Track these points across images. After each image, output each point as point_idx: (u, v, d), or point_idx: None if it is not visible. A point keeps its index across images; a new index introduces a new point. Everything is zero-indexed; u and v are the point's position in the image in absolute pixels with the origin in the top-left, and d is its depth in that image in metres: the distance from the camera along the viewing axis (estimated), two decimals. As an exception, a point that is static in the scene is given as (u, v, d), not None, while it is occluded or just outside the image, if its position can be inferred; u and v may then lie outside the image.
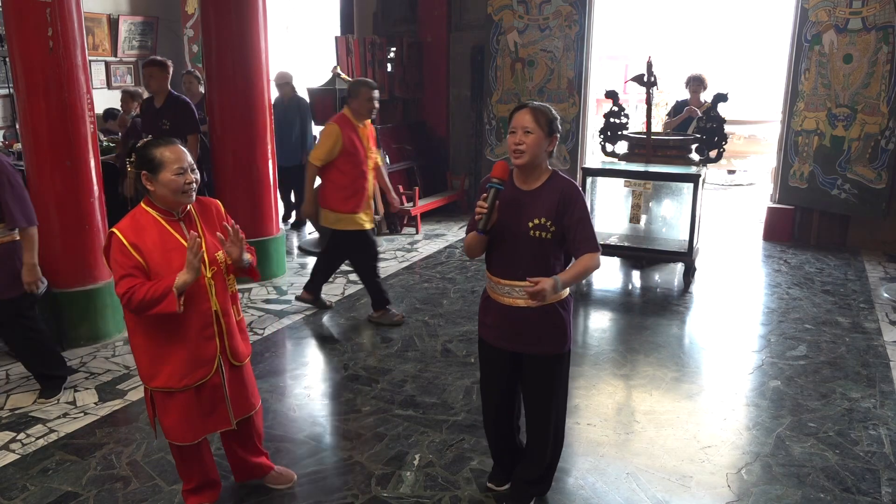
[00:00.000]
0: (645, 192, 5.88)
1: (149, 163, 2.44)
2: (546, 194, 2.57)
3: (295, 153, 7.48)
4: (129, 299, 2.37)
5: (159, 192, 2.47)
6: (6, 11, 4.19)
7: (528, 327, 2.63)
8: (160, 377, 2.53)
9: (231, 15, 5.49)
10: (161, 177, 2.44)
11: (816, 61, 6.78)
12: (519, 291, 2.58)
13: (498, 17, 8.02)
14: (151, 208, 2.52)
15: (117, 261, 2.41)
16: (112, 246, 2.43)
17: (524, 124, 2.52)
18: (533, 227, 2.54)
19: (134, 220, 2.49)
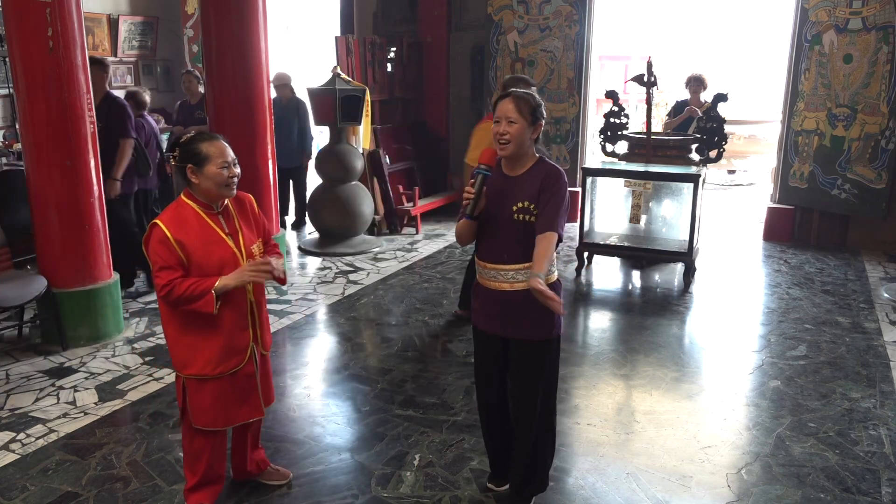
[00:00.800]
0: (645, 192, 5.88)
1: (195, 156, 2.50)
2: (530, 179, 2.58)
3: (294, 154, 7.49)
4: (169, 292, 2.43)
5: (203, 185, 2.53)
6: (6, 11, 4.19)
7: (513, 311, 2.61)
8: (195, 365, 2.57)
9: (231, 15, 5.49)
10: (206, 170, 2.50)
11: (816, 61, 6.78)
12: (504, 275, 2.59)
13: (498, 17, 8.02)
14: (192, 201, 2.57)
15: (158, 253, 2.45)
16: (154, 237, 2.47)
17: (507, 114, 2.53)
18: (517, 211, 2.55)
19: (176, 212, 2.54)
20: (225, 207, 2.64)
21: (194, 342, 2.56)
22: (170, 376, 4.08)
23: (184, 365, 2.59)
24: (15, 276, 4.50)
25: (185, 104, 7.50)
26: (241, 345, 2.64)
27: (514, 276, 2.58)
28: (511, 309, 2.61)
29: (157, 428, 3.50)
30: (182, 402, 2.68)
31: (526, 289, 2.46)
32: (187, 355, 2.58)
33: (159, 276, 2.44)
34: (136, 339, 4.66)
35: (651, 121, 6.38)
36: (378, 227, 7.66)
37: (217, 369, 2.58)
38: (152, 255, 2.47)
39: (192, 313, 2.49)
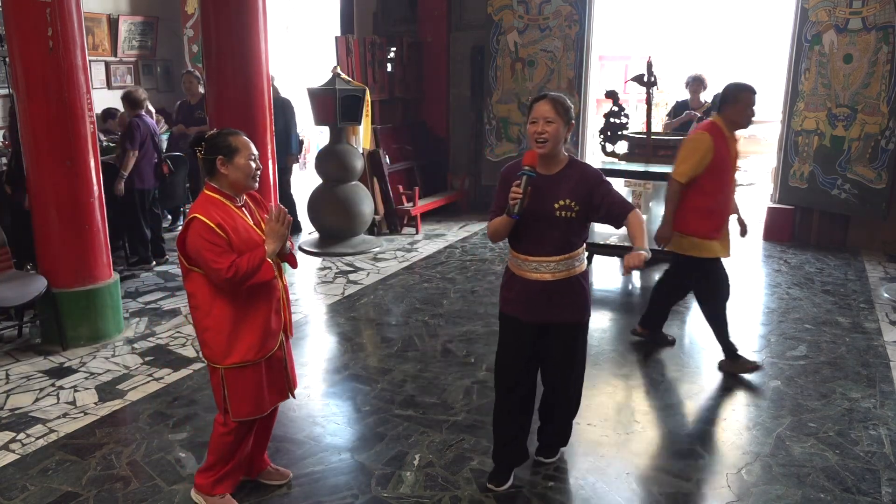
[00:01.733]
0: (645, 192, 5.88)
1: (225, 148, 2.61)
2: (568, 177, 2.78)
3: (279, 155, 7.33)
4: (235, 272, 2.51)
5: (232, 177, 2.63)
6: (6, 11, 4.19)
7: (554, 299, 2.82)
8: (237, 352, 2.65)
9: (231, 15, 5.48)
10: (236, 161, 2.62)
11: (816, 61, 6.78)
12: (547, 266, 2.79)
13: (498, 17, 8.02)
14: (218, 194, 2.65)
15: (210, 240, 2.52)
16: (198, 229, 2.53)
17: (545, 114, 2.72)
18: (559, 209, 2.73)
19: (208, 204, 2.62)
20: (245, 202, 2.74)
21: (236, 329, 2.64)
22: (170, 376, 4.08)
23: (225, 355, 2.64)
24: (15, 276, 4.50)
25: (185, 104, 7.50)
26: (276, 327, 2.75)
27: (557, 267, 2.79)
28: (553, 297, 2.82)
29: (157, 428, 3.50)
30: (222, 396, 2.70)
31: (566, 277, 2.79)
32: (229, 344, 2.64)
33: (219, 261, 2.51)
34: (136, 339, 4.66)
35: (651, 121, 6.38)
36: (378, 227, 7.66)
37: (258, 354, 2.68)
38: (204, 245, 2.52)
39: (236, 298, 2.61)
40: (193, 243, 2.55)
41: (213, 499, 2.82)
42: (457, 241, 7.36)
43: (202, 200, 2.63)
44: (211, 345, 2.66)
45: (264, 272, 2.59)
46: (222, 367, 2.67)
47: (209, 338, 2.66)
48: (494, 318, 4.98)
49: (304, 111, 7.67)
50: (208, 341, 2.67)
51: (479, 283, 5.87)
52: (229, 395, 2.69)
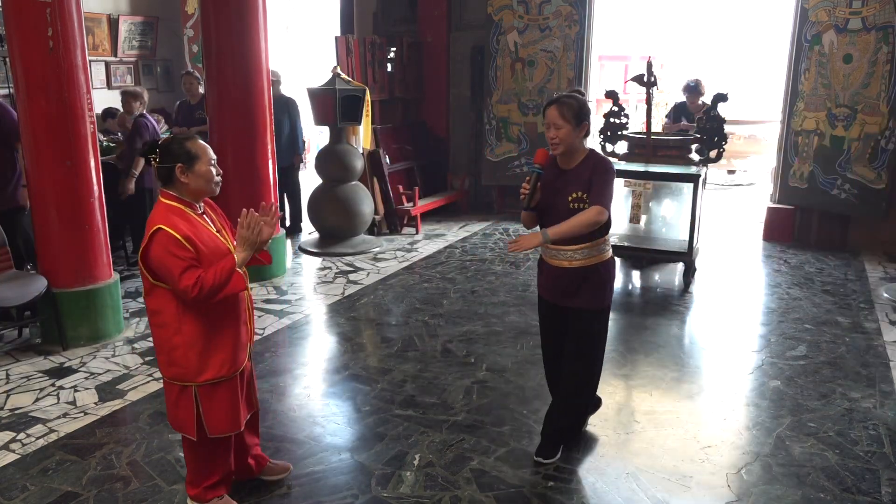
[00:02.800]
0: (645, 192, 5.88)
1: (184, 155, 2.49)
2: (582, 171, 2.97)
3: (286, 154, 7.27)
4: (201, 288, 2.39)
5: (193, 185, 2.52)
6: (6, 11, 4.19)
7: (569, 284, 3.04)
8: (211, 369, 2.55)
9: (231, 15, 5.49)
10: (197, 168, 2.51)
11: (816, 61, 6.78)
12: (563, 254, 3.01)
13: (498, 17, 8.02)
14: (177, 202, 2.53)
15: (175, 255, 2.40)
16: (163, 242, 2.40)
17: (554, 120, 2.91)
18: (572, 201, 2.93)
19: (171, 213, 2.49)
20: (204, 210, 2.64)
21: (207, 347, 2.54)
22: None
23: (199, 372, 2.54)
24: (15, 276, 4.50)
25: (185, 104, 7.49)
26: (245, 340, 2.68)
27: (572, 255, 3.01)
28: (568, 283, 3.05)
29: (157, 428, 3.50)
30: (195, 415, 2.59)
31: (584, 266, 3.00)
32: (201, 362, 2.54)
33: (184, 277, 2.39)
34: (136, 339, 4.66)
35: (651, 121, 6.38)
36: (378, 227, 7.66)
37: (232, 369, 2.60)
38: (169, 259, 2.39)
39: (206, 313, 2.50)
40: (158, 256, 2.41)
41: (210, 503, 2.76)
42: (457, 241, 7.36)
43: (163, 210, 2.49)
44: (182, 363, 2.54)
45: (234, 283, 2.46)
46: (195, 384, 2.56)
47: (179, 356, 2.53)
48: (494, 318, 5.01)
49: (304, 111, 7.67)
50: (178, 360, 2.53)
51: (479, 283, 5.87)
52: (204, 412, 2.59)
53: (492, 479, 3.06)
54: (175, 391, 2.61)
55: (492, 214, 8.60)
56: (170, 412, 2.69)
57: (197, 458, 2.72)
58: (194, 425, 2.60)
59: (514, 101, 8.12)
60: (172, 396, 2.63)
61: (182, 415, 2.62)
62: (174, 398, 2.62)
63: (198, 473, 2.74)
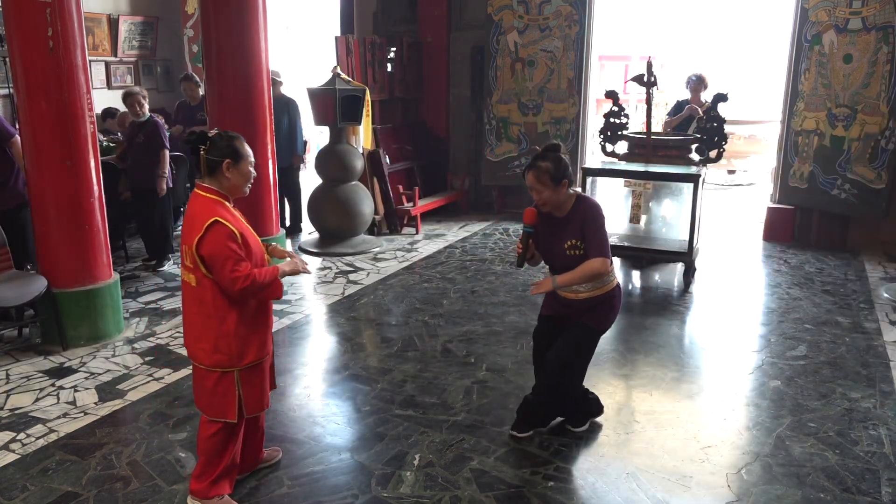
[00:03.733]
0: (645, 192, 5.88)
1: (234, 153, 2.64)
2: (573, 218, 3.14)
3: (285, 154, 7.25)
4: (252, 282, 2.56)
5: (234, 181, 2.67)
6: (6, 11, 4.19)
7: (576, 310, 3.24)
8: (250, 353, 2.72)
9: (231, 15, 5.49)
10: (241, 166, 2.67)
11: (816, 61, 6.78)
12: (569, 289, 3.18)
13: (498, 17, 8.02)
14: (217, 195, 2.66)
15: (230, 247, 2.54)
16: (221, 234, 2.54)
17: (534, 185, 3.08)
18: (568, 248, 3.13)
19: (218, 206, 2.62)
20: (234, 205, 2.77)
21: (248, 332, 2.70)
22: (170, 376, 4.08)
23: (241, 356, 2.69)
24: (15, 276, 4.50)
25: (185, 105, 7.49)
26: (271, 325, 2.89)
27: (577, 289, 3.18)
28: (575, 310, 3.25)
29: (157, 428, 3.50)
30: (236, 397, 2.72)
31: (591, 297, 3.18)
32: (243, 346, 2.69)
33: (236, 269, 2.53)
34: (136, 339, 4.66)
35: (651, 121, 6.38)
36: (378, 227, 7.65)
37: (265, 351, 2.79)
38: (225, 251, 2.53)
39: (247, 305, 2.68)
40: (214, 247, 2.53)
41: (211, 501, 2.80)
42: (457, 241, 7.36)
43: (208, 202, 2.62)
44: (226, 350, 2.67)
45: (274, 289, 2.67)
46: (237, 368, 2.70)
47: (224, 344, 2.66)
48: (494, 318, 5.01)
49: (304, 111, 7.66)
50: (223, 347, 2.66)
51: (479, 283, 5.87)
52: (245, 394, 2.73)
53: (492, 479, 3.06)
54: (214, 378, 2.72)
55: (492, 214, 8.60)
56: (204, 400, 2.77)
57: (215, 446, 2.78)
58: (235, 409, 2.73)
59: (514, 101, 8.12)
60: (210, 384, 2.73)
61: (223, 400, 2.72)
62: (212, 385, 2.72)
63: (209, 465, 2.80)
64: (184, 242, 2.66)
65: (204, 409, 2.79)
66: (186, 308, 2.75)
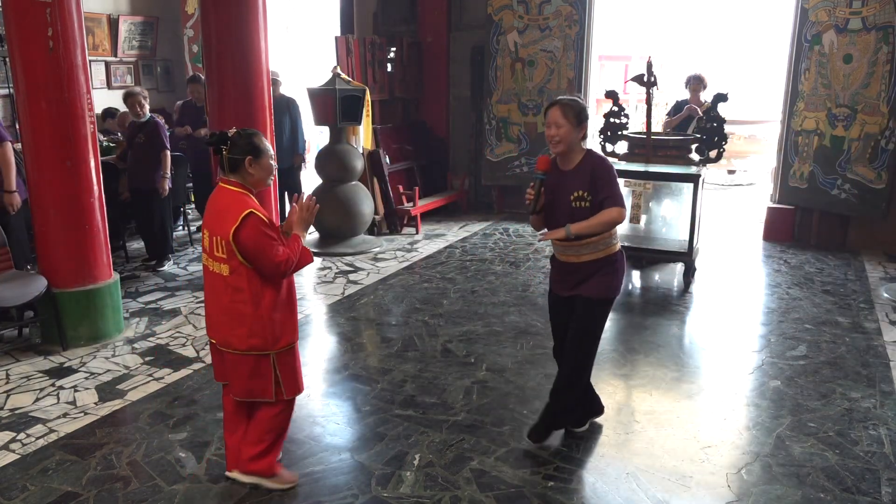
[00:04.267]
0: (645, 192, 5.88)
1: (255, 149, 2.80)
2: (582, 171, 3.10)
3: (287, 154, 7.24)
4: (289, 263, 2.73)
5: (257, 176, 2.83)
6: (6, 11, 4.19)
7: (581, 276, 3.17)
8: (286, 336, 2.86)
9: (231, 15, 5.48)
10: (262, 161, 2.81)
11: (816, 61, 6.78)
12: (572, 250, 3.14)
13: (498, 17, 8.02)
14: (242, 189, 2.81)
15: (268, 235, 2.71)
16: (257, 224, 2.70)
17: (556, 120, 3.03)
18: (574, 199, 3.08)
19: (247, 198, 2.79)
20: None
21: (283, 316, 2.83)
22: (170, 376, 4.08)
23: (277, 340, 2.82)
24: (15, 276, 4.50)
25: (191, 105, 7.47)
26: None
27: (580, 251, 3.13)
28: (580, 275, 3.18)
29: (157, 428, 3.50)
30: (274, 381, 2.84)
31: (594, 259, 3.12)
32: (279, 330, 2.82)
33: (277, 254, 2.70)
34: (136, 339, 4.66)
35: (651, 121, 6.38)
36: (378, 227, 7.65)
37: (297, 334, 2.93)
38: (263, 239, 2.68)
39: (280, 287, 2.81)
40: (253, 237, 2.68)
41: (277, 477, 2.98)
42: (457, 241, 7.36)
43: (238, 195, 2.76)
44: (262, 334, 2.78)
45: (305, 258, 2.82)
46: (273, 352, 2.82)
47: (259, 328, 2.78)
48: (494, 318, 5.01)
49: (305, 111, 7.66)
50: (258, 332, 2.78)
51: (479, 283, 5.87)
52: (282, 376, 2.86)
53: (492, 479, 3.06)
54: (250, 363, 2.82)
55: (492, 214, 8.60)
56: (242, 385, 2.85)
57: (281, 424, 2.95)
58: (272, 390, 2.86)
59: (514, 101, 8.12)
60: (247, 369, 2.83)
61: (260, 383, 2.85)
62: (249, 370, 2.83)
63: (274, 443, 2.96)
64: (213, 234, 2.75)
65: (243, 395, 2.88)
66: (216, 298, 2.83)
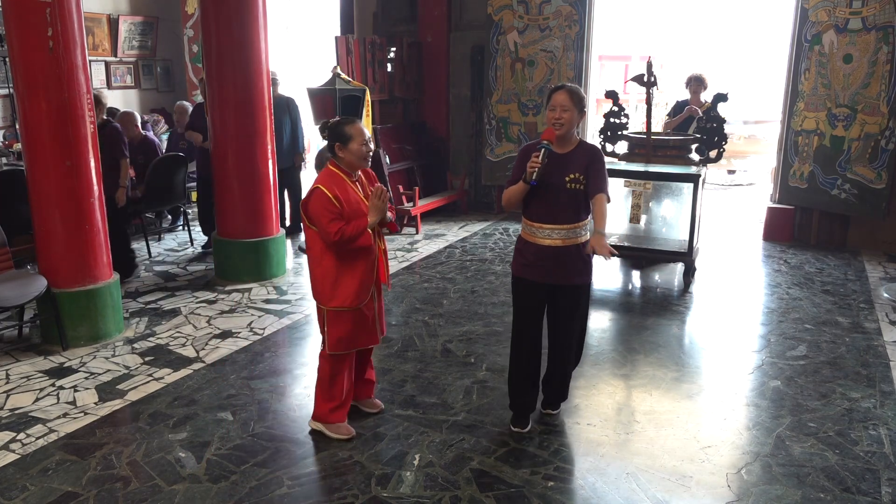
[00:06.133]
0: (645, 192, 5.88)
1: (342, 136, 3.19)
2: (578, 155, 3.21)
3: (287, 154, 7.21)
4: (341, 235, 3.11)
5: (347, 159, 3.22)
6: (6, 11, 4.19)
7: (563, 263, 3.23)
8: (338, 298, 3.23)
9: (231, 15, 5.49)
10: (351, 146, 3.19)
11: (816, 61, 6.78)
12: (558, 233, 3.20)
13: (498, 17, 8.02)
14: (338, 170, 3.24)
15: (326, 208, 3.12)
16: (319, 198, 3.14)
17: (562, 103, 3.15)
18: (570, 181, 3.17)
19: (329, 177, 3.22)
20: (359, 178, 3.31)
21: (338, 280, 3.21)
22: (170, 376, 4.09)
23: (330, 299, 3.24)
24: (15, 276, 4.50)
25: (203, 107, 7.34)
26: (370, 283, 3.29)
27: (566, 234, 3.21)
28: (563, 261, 3.23)
29: (157, 428, 3.50)
30: (323, 330, 3.31)
31: (573, 244, 3.20)
32: (332, 291, 3.23)
33: (330, 225, 3.10)
34: (136, 339, 4.66)
35: (651, 121, 6.38)
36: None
37: (354, 302, 3.24)
38: (321, 211, 3.12)
39: (342, 255, 3.19)
40: (313, 208, 3.13)
41: (331, 426, 3.37)
42: (457, 241, 7.36)
43: (325, 174, 3.23)
44: (318, 289, 3.27)
45: (364, 239, 3.16)
46: (326, 308, 3.25)
47: (318, 284, 3.26)
48: (494, 318, 5.01)
49: (304, 111, 7.65)
50: (317, 286, 3.27)
51: (479, 283, 5.87)
52: (328, 331, 3.28)
53: (492, 479, 3.07)
54: (318, 310, 3.35)
55: (492, 214, 8.60)
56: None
57: (323, 375, 3.36)
58: (322, 340, 3.33)
59: (514, 101, 8.12)
60: (318, 315, 3.36)
61: (321, 330, 3.35)
62: (317, 315, 3.38)
63: (323, 393, 3.36)
64: None
65: None
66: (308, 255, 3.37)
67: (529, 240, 3.28)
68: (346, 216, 3.16)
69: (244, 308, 5.27)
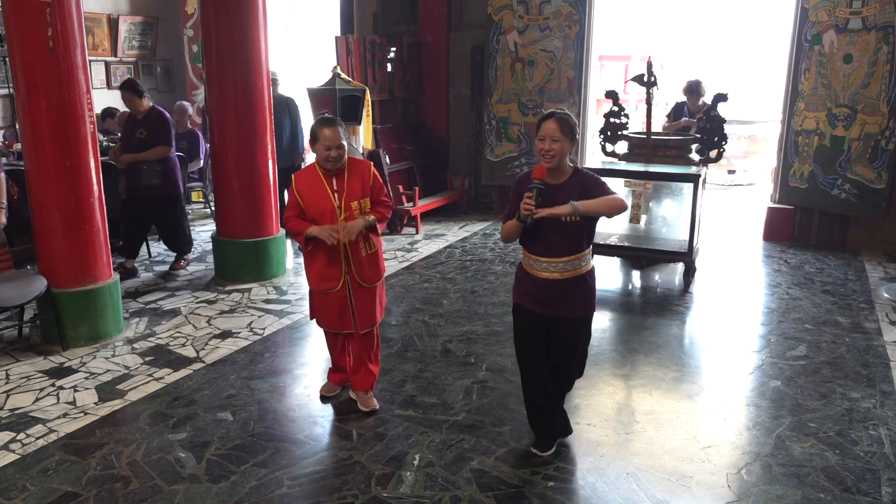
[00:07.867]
0: (645, 192, 5.88)
1: (312, 135, 3.38)
2: (573, 186, 3.05)
3: (287, 154, 7.20)
4: (285, 223, 3.51)
5: (317, 157, 3.42)
6: (6, 11, 4.19)
7: (563, 295, 3.11)
8: (310, 278, 3.60)
9: (231, 15, 5.49)
10: (316, 147, 3.38)
11: (816, 61, 6.78)
12: (556, 266, 3.07)
13: (498, 17, 8.02)
14: (317, 165, 3.47)
15: (292, 198, 3.47)
16: (292, 188, 3.48)
17: (552, 133, 2.98)
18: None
19: (307, 171, 3.52)
20: (340, 169, 3.45)
21: (309, 264, 3.57)
22: (170, 376, 4.09)
23: (309, 280, 3.62)
24: (15, 276, 4.50)
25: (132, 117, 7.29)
26: (333, 275, 3.50)
27: (565, 267, 3.07)
28: (560, 294, 3.10)
29: (157, 428, 3.50)
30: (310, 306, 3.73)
31: (573, 276, 3.07)
32: (307, 270, 3.60)
33: (286, 211, 3.50)
34: (136, 339, 4.66)
35: (651, 121, 6.38)
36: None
37: (318, 287, 3.56)
38: (289, 199, 3.50)
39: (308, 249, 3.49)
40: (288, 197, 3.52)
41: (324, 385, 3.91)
42: (457, 241, 7.36)
43: (307, 167, 3.53)
44: (306, 271, 3.64)
45: (299, 239, 3.46)
46: (310, 286, 3.64)
47: (304, 266, 3.65)
48: (494, 318, 5.01)
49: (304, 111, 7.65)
50: (305, 268, 3.65)
51: (479, 283, 5.87)
52: (310, 304, 3.72)
53: (492, 479, 3.07)
54: None
55: (492, 214, 8.60)
56: None
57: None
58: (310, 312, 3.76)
59: (514, 101, 8.12)
60: None
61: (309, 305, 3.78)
62: None
63: None
64: None
65: None
66: None
67: (528, 271, 3.15)
68: (304, 209, 3.44)
69: (244, 308, 5.27)
